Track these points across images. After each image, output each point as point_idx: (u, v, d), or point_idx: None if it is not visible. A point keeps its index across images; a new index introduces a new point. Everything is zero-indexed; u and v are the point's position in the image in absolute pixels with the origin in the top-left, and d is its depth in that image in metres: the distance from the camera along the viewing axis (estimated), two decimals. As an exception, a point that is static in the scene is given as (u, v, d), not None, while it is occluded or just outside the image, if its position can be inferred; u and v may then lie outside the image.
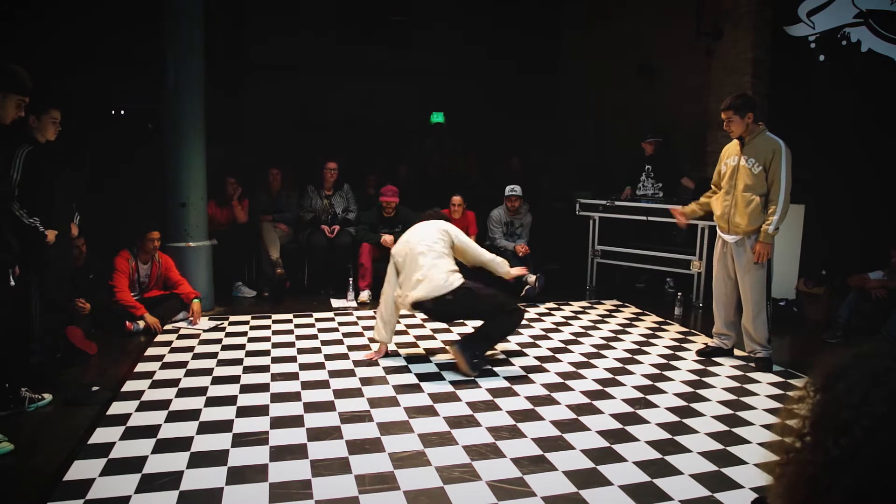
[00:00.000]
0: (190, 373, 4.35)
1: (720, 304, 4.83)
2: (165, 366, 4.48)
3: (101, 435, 3.35)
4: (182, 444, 3.26)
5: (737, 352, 4.86)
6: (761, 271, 4.55)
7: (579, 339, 5.31)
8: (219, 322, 5.58)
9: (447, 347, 4.77)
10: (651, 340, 5.31)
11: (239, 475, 2.95)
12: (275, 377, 4.26)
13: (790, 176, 4.36)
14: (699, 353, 4.93)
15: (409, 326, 5.60)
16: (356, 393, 4.00)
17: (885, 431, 0.63)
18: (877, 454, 0.63)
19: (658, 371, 4.54)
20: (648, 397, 4.03)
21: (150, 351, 4.81)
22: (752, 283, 4.56)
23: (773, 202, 4.40)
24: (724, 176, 4.65)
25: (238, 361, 4.59)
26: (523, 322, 5.77)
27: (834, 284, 5.82)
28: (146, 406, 3.75)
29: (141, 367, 4.45)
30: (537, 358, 4.78)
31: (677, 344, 5.21)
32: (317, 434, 3.40)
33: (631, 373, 4.49)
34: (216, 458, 3.12)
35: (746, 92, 4.87)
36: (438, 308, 4.43)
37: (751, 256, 4.51)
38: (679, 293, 6.26)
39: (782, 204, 4.36)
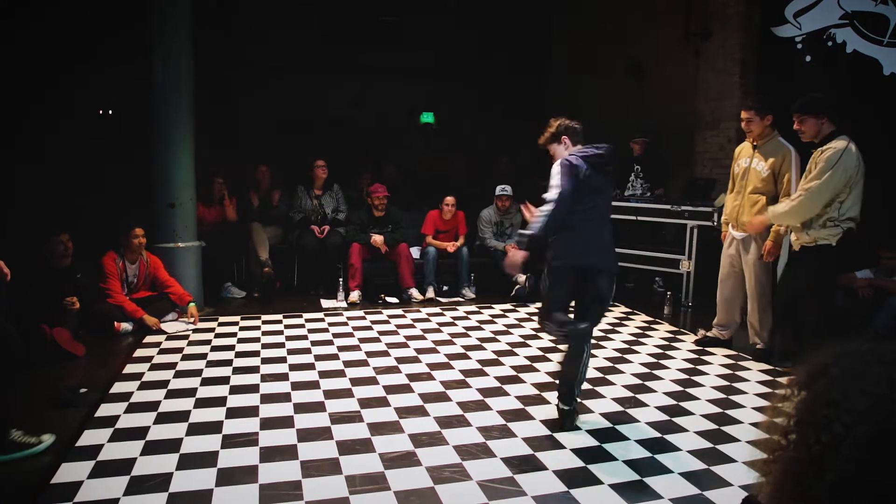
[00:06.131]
0: (179, 374, 4.32)
1: (724, 298, 4.94)
2: (154, 367, 4.45)
3: (89, 437, 3.32)
4: (171, 445, 3.24)
5: (727, 351, 4.90)
6: (766, 268, 4.68)
7: (569, 338, 5.32)
8: (189, 325, 5.48)
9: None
10: (641, 339, 5.33)
11: (228, 476, 2.94)
12: (264, 378, 4.25)
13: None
14: (696, 342, 5.08)
15: (399, 327, 5.59)
16: (346, 393, 4.00)
17: (865, 427, 0.64)
18: (857, 450, 0.64)
19: (647, 370, 4.56)
20: (638, 396, 4.05)
21: (139, 352, 4.78)
22: (757, 280, 4.69)
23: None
24: (736, 176, 4.76)
25: (227, 362, 4.56)
26: (513, 322, 5.80)
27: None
28: (135, 408, 3.72)
29: (129, 368, 4.42)
30: (527, 358, 4.79)
31: (667, 343, 5.23)
32: (307, 435, 3.39)
33: (621, 372, 4.51)
34: (205, 459, 3.10)
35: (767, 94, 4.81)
36: None
37: (755, 254, 4.65)
38: (668, 292, 6.29)
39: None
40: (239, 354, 4.75)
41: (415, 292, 6.58)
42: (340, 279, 6.55)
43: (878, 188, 5.70)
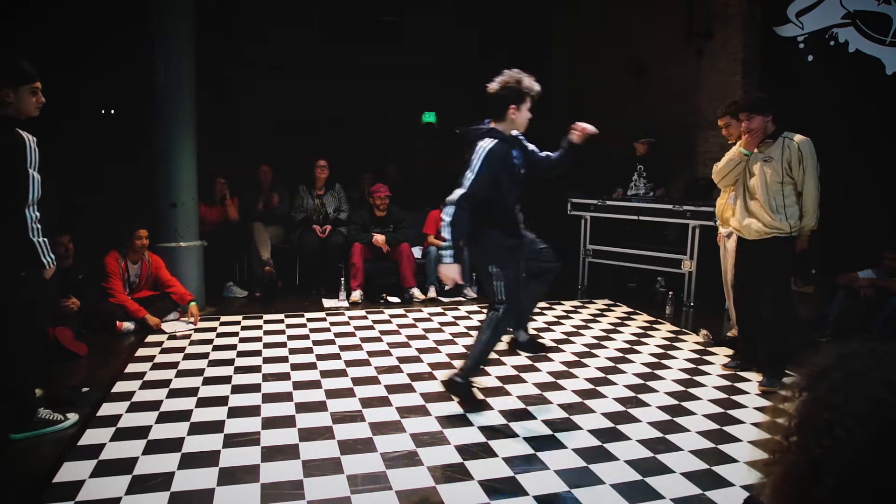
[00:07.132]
0: (181, 373, 4.32)
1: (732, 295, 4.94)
2: (156, 366, 4.46)
3: (91, 436, 3.33)
4: (173, 444, 3.24)
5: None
6: None
7: (571, 338, 5.33)
8: (190, 324, 5.48)
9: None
10: (642, 339, 5.33)
11: (230, 476, 2.94)
12: (266, 377, 4.25)
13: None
14: (727, 343, 5.07)
15: (400, 327, 5.60)
16: (348, 393, 4.00)
17: (866, 430, 0.64)
18: (858, 453, 0.64)
19: (649, 370, 4.55)
20: (640, 396, 4.05)
21: (141, 352, 4.79)
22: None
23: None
24: None
25: (229, 362, 4.57)
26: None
27: (824, 283, 5.85)
28: (137, 407, 3.73)
29: (131, 367, 4.43)
30: (528, 357, 4.78)
31: (668, 343, 5.23)
32: (308, 434, 3.39)
33: (622, 372, 4.51)
34: (207, 458, 3.10)
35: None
36: None
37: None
38: (670, 292, 6.29)
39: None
40: (240, 354, 4.76)
41: (416, 292, 6.58)
42: (342, 279, 6.55)
43: (877, 188, 5.71)
